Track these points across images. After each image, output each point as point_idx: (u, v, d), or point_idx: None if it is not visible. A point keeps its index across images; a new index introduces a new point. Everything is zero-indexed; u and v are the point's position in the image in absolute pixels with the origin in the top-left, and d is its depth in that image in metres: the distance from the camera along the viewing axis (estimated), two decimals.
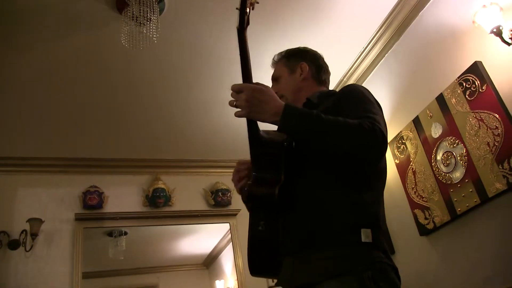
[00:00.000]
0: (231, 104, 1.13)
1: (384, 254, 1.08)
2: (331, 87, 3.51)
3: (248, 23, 1.14)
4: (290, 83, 1.42)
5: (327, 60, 1.53)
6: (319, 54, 1.52)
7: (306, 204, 1.13)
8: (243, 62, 1.17)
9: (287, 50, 1.51)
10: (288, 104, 1.10)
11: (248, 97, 1.08)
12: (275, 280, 1.22)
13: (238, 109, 1.11)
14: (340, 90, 1.29)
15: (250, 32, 1.19)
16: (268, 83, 1.32)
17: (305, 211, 1.12)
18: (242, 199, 1.28)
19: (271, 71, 1.52)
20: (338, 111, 1.13)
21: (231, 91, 1.12)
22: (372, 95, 1.27)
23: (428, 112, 2.51)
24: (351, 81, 3.26)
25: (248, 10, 1.12)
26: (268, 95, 1.10)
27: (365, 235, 1.05)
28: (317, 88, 1.43)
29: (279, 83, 1.44)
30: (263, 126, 1.19)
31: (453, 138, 2.32)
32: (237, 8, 1.11)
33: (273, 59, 1.51)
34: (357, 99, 1.21)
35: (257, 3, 1.15)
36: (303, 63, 1.45)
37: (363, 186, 1.14)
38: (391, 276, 1.04)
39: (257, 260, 1.21)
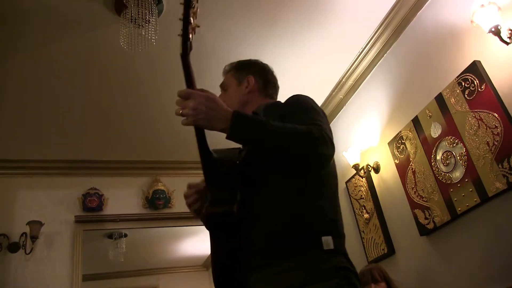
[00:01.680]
0: (177, 112, 1.08)
1: (346, 258, 1.09)
2: (330, 88, 3.48)
3: (191, 48, 1.09)
4: (236, 95, 1.43)
5: (326, 60, 1.53)
6: (268, 67, 1.52)
7: (265, 218, 1.13)
8: (188, 86, 1.12)
9: (238, 61, 1.51)
10: (237, 111, 1.09)
11: (195, 105, 1.05)
12: None
13: (184, 118, 1.07)
14: (285, 101, 1.30)
15: (249, 32, 1.18)
16: None
17: (264, 225, 1.12)
18: (201, 220, 1.24)
19: None
20: (284, 121, 1.13)
21: (177, 97, 1.08)
22: (316, 103, 1.28)
23: (427, 112, 2.51)
24: (350, 82, 3.25)
25: (191, 36, 1.08)
26: (216, 103, 1.08)
27: (326, 243, 1.05)
28: (263, 101, 1.42)
29: (227, 94, 1.45)
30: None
31: (453, 137, 2.32)
32: (179, 35, 1.07)
33: (224, 68, 1.51)
34: (301, 108, 1.22)
35: (198, 27, 1.11)
36: (250, 76, 1.45)
37: (318, 194, 1.15)
38: (353, 282, 1.05)
39: (222, 280, 1.20)
